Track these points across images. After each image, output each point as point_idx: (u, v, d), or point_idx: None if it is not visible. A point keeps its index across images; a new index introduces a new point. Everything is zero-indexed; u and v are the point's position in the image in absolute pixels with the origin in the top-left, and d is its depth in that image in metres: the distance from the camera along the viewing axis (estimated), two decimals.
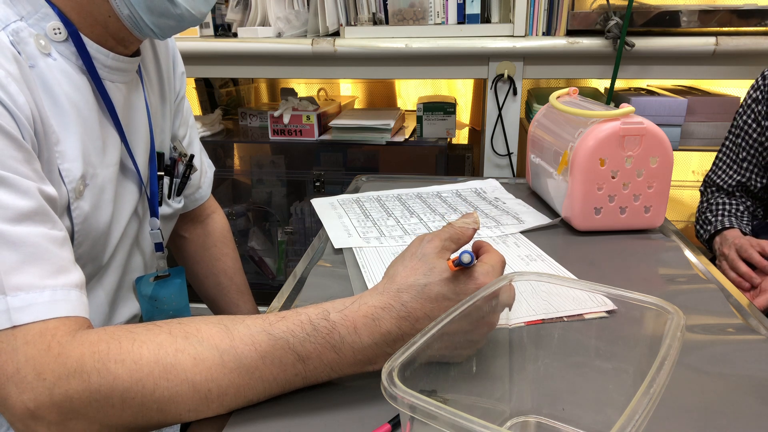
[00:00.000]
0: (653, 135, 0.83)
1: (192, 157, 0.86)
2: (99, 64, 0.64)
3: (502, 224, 0.91)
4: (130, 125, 0.72)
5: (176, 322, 0.50)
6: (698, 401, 0.50)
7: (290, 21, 1.52)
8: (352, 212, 0.98)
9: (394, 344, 0.49)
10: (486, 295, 0.46)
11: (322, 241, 0.87)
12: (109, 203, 0.67)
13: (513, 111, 1.47)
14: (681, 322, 0.40)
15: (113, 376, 0.45)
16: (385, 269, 0.54)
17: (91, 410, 0.46)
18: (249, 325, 0.49)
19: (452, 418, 0.32)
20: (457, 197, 1.05)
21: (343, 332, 0.48)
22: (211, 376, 0.47)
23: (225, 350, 0.47)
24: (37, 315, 0.47)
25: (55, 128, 0.59)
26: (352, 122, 1.61)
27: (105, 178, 0.66)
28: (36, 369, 0.45)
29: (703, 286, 0.71)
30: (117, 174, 0.69)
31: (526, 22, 1.40)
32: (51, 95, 0.59)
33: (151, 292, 0.80)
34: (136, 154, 0.73)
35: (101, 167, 0.65)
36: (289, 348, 0.48)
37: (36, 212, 0.51)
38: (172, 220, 0.86)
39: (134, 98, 0.72)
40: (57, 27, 0.60)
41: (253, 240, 1.91)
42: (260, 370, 0.48)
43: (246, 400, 0.48)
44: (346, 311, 0.49)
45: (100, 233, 0.66)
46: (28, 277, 0.48)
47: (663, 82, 1.70)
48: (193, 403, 0.47)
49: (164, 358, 0.46)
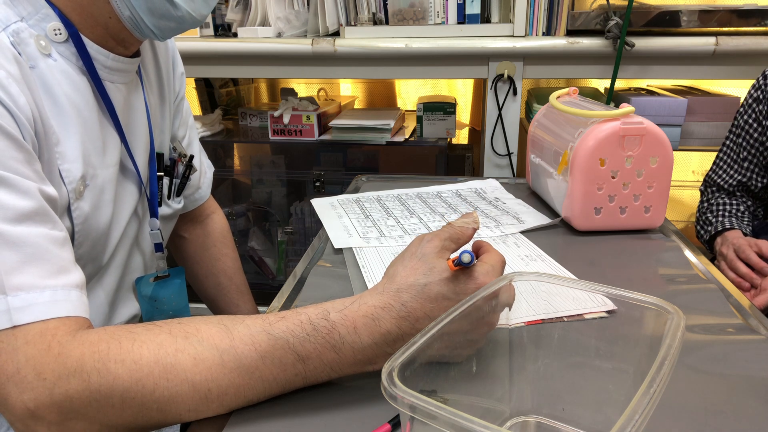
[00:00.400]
0: (653, 135, 0.83)
1: (191, 158, 0.87)
2: (99, 64, 0.64)
3: (502, 224, 0.91)
4: (130, 126, 0.72)
5: (176, 322, 0.50)
6: (698, 401, 0.50)
7: (290, 21, 1.52)
8: (352, 212, 0.98)
9: (394, 344, 0.49)
10: (486, 295, 0.46)
11: (322, 241, 0.87)
12: (109, 204, 0.67)
13: (513, 111, 1.47)
14: (681, 322, 0.40)
15: (113, 376, 0.45)
16: (385, 269, 0.54)
17: (91, 410, 0.46)
18: (249, 325, 0.49)
19: (452, 418, 0.32)
20: (457, 197, 1.05)
21: (343, 332, 0.48)
22: (211, 375, 0.47)
23: (225, 350, 0.47)
24: (37, 315, 0.47)
25: (55, 129, 0.59)
26: (352, 122, 1.61)
27: (105, 179, 0.66)
28: (36, 369, 0.45)
29: (703, 286, 0.71)
30: (117, 175, 0.69)
31: (526, 22, 1.40)
32: (51, 96, 0.59)
33: (150, 293, 0.80)
34: (136, 154, 0.73)
35: (101, 168, 0.66)
36: (289, 348, 0.48)
37: (36, 212, 0.51)
38: (172, 220, 0.86)
39: (134, 99, 0.72)
40: (57, 28, 0.60)
41: (253, 240, 1.91)
42: (260, 370, 0.48)
43: (246, 400, 0.48)
44: (345, 311, 0.49)
45: (100, 233, 0.66)
46: (29, 277, 0.48)
47: (663, 82, 1.70)
48: (193, 402, 0.47)
49: (164, 358, 0.46)
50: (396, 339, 0.49)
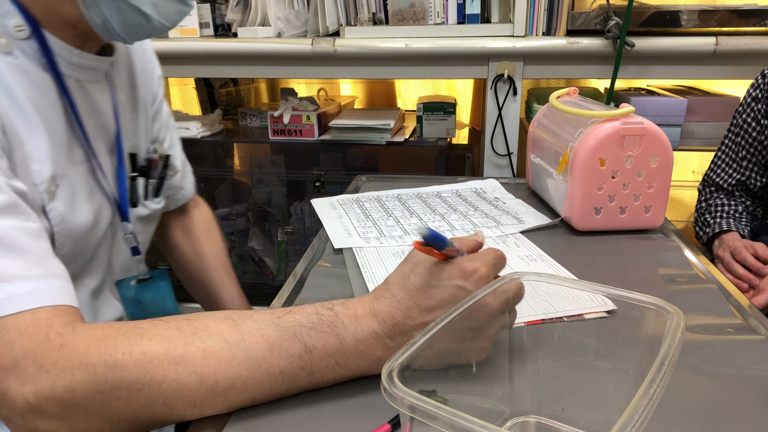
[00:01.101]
0: (653, 135, 0.83)
1: (168, 158, 0.85)
2: (63, 61, 0.64)
3: (503, 224, 0.91)
4: (94, 125, 0.70)
5: (183, 318, 0.50)
6: (698, 401, 0.50)
7: (290, 21, 1.52)
8: (352, 212, 0.98)
9: (392, 333, 0.50)
10: (488, 293, 0.46)
11: (322, 241, 0.87)
12: (84, 201, 0.67)
13: (513, 111, 1.47)
14: (681, 322, 0.40)
15: (121, 367, 0.45)
16: (386, 269, 0.55)
17: (95, 403, 0.45)
18: (257, 320, 0.50)
19: (452, 419, 0.32)
20: (457, 197, 1.05)
21: (346, 321, 0.50)
22: (220, 367, 0.47)
23: (234, 343, 0.48)
24: (22, 305, 0.47)
25: (18, 129, 0.58)
26: (352, 122, 1.61)
27: (75, 178, 0.66)
28: (37, 361, 0.45)
29: (703, 286, 0.71)
30: (88, 173, 0.68)
31: (526, 22, 1.40)
32: (11, 96, 0.59)
33: (134, 295, 0.79)
34: (100, 154, 0.71)
35: (69, 167, 0.65)
36: (296, 337, 0.49)
37: (9, 205, 0.52)
38: (152, 221, 0.85)
39: (100, 98, 0.71)
40: (19, 24, 0.60)
41: (253, 240, 1.91)
42: (268, 362, 0.48)
43: (250, 396, 0.48)
44: (347, 303, 0.52)
45: (80, 232, 0.66)
46: (8, 268, 0.49)
47: (663, 82, 1.70)
48: (198, 396, 0.47)
49: (174, 350, 0.47)
50: (392, 328, 0.50)
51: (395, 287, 0.52)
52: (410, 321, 0.50)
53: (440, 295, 0.50)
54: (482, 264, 0.51)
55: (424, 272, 0.51)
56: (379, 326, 0.50)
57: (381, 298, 0.52)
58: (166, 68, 1.56)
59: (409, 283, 0.51)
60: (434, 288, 0.50)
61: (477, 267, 0.50)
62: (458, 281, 0.50)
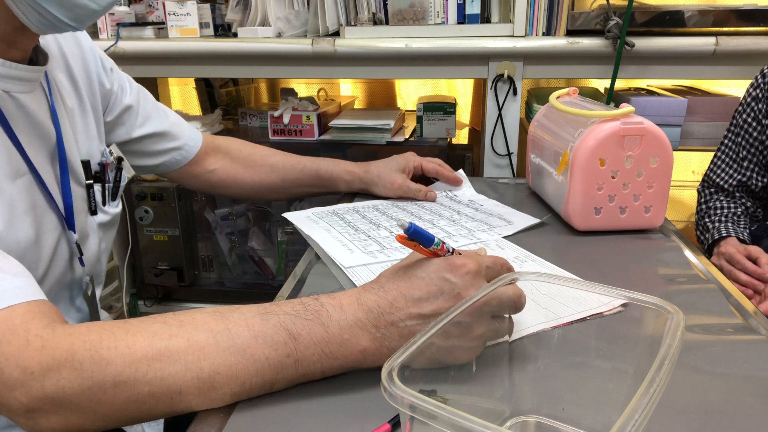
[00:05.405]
0: (653, 135, 0.83)
1: (121, 159, 0.83)
2: None
3: (494, 227, 0.90)
4: (33, 136, 0.66)
5: (170, 314, 0.51)
6: (698, 401, 0.50)
7: (290, 21, 1.52)
8: (338, 225, 0.91)
9: (377, 323, 0.51)
10: (488, 292, 0.46)
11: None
12: (25, 216, 0.63)
13: (513, 111, 1.47)
14: (681, 322, 0.40)
15: (106, 362, 0.46)
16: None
17: (84, 400, 0.46)
18: (243, 312, 0.51)
19: (452, 418, 0.32)
20: (437, 204, 1.02)
21: (331, 310, 0.51)
22: (204, 354, 0.47)
23: (218, 332, 0.49)
24: None
25: None
26: (352, 122, 1.61)
27: (13, 192, 0.62)
28: (20, 365, 0.45)
29: (703, 286, 0.71)
30: (28, 186, 0.65)
31: (526, 22, 1.40)
32: None
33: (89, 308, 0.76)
34: (40, 165, 0.67)
35: (7, 181, 0.61)
36: (280, 325, 0.50)
37: None
38: (113, 227, 0.82)
39: (36, 108, 0.67)
40: None
41: (253, 240, 1.91)
42: (252, 349, 0.49)
43: (239, 382, 0.49)
44: (334, 294, 0.53)
45: (24, 248, 0.62)
46: None
47: (663, 82, 1.70)
48: (184, 384, 0.47)
49: (158, 343, 0.47)
50: (378, 317, 0.51)
51: (384, 278, 0.54)
52: (396, 311, 0.50)
53: (426, 287, 0.51)
54: (472, 261, 0.51)
55: (413, 265, 0.53)
56: (364, 315, 0.51)
57: (369, 289, 0.53)
58: (166, 68, 1.57)
59: (397, 274, 0.53)
60: (421, 279, 0.51)
61: (466, 263, 0.51)
62: (445, 274, 0.51)
